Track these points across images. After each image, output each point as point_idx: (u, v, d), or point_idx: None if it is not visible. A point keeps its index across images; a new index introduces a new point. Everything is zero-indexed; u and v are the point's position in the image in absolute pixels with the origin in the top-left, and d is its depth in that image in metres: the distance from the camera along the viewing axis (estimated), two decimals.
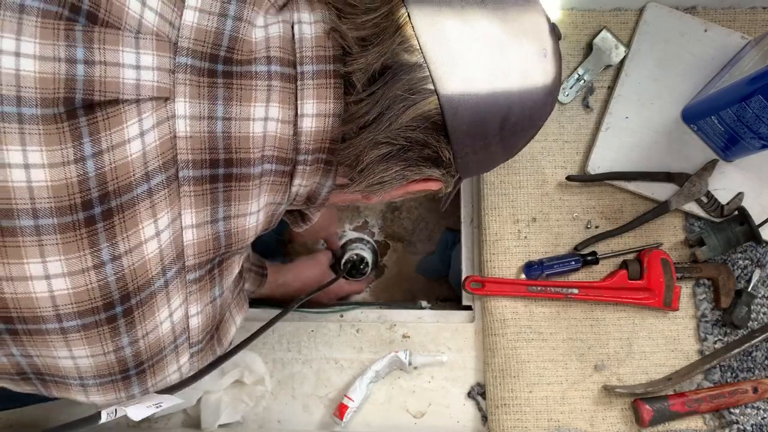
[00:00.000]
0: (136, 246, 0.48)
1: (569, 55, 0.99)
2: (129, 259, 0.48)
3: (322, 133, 0.56)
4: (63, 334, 0.47)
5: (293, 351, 0.97)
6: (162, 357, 0.53)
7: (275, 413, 0.95)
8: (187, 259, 0.52)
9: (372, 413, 0.95)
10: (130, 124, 0.46)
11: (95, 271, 0.46)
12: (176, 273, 0.51)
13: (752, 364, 0.92)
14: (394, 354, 0.92)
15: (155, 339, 0.52)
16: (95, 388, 0.52)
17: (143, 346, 0.51)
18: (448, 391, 0.96)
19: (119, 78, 0.46)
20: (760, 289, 0.94)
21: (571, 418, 0.91)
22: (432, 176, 0.59)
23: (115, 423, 0.95)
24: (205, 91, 0.51)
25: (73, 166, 0.44)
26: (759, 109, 0.81)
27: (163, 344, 0.53)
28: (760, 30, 0.97)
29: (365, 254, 1.09)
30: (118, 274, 0.47)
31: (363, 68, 0.54)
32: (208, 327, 0.57)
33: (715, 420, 0.91)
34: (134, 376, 0.52)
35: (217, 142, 0.52)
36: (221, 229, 0.54)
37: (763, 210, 0.94)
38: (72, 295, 0.46)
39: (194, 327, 0.55)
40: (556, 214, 0.97)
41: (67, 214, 0.44)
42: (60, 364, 0.49)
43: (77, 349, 0.48)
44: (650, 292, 0.92)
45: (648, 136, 0.96)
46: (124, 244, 0.47)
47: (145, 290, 0.49)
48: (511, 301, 0.94)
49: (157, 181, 0.49)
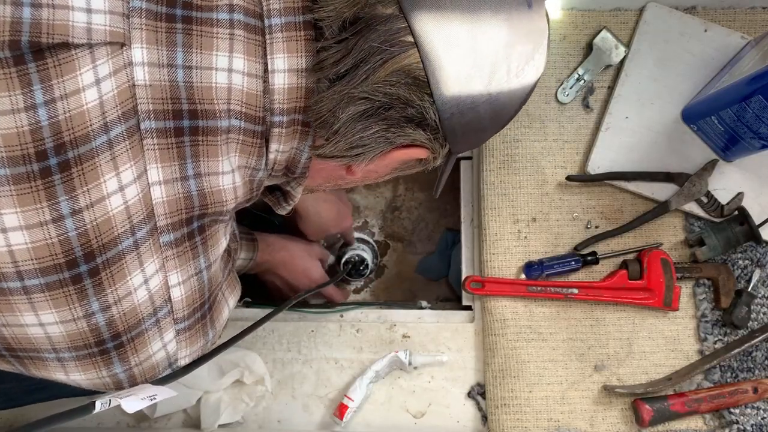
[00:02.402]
0: (98, 200, 0.46)
1: (569, 55, 0.99)
2: (91, 214, 0.46)
3: (296, 91, 0.54)
4: (26, 294, 0.46)
5: (293, 351, 0.97)
6: (142, 330, 0.51)
7: (275, 413, 0.95)
8: (158, 218, 0.50)
9: (372, 413, 0.95)
10: (84, 71, 0.44)
11: (54, 225, 0.44)
12: (147, 233, 0.49)
13: (752, 364, 0.92)
14: (394, 354, 0.92)
15: (130, 307, 0.50)
16: (73, 363, 0.50)
17: (117, 314, 0.49)
18: (448, 391, 0.96)
19: (68, 21, 0.44)
20: (760, 289, 0.94)
21: (571, 418, 0.91)
22: (418, 141, 0.56)
23: (115, 423, 0.95)
24: (163, 37, 0.48)
25: (23, 114, 0.42)
26: (759, 109, 0.81)
27: (141, 315, 0.50)
28: (760, 30, 0.97)
29: (365, 255, 1.09)
30: (80, 230, 0.45)
31: (333, 16, 0.51)
32: (195, 302, 0.54)
33: (715, 420, 0.91)
34: (113, 351, 0.50)
35: (179, 92, 0.49)
36: (193, 187, 0.51)
37: (763, 210, 0.94)
38: (31, 250, 0.44)
39: (177, 299, 0.52)
40: (556, 214, 0.97)
41: (20, 164, 0.43)
42: (30, 333, 0.48)
43: (44, 313, 0.47)
44: (650, 292, 0.92)
45: (648, 136, 0.96)
46: (84, 198, 0.45)
47: (112, 249, 0.47)
48: (511, 301, 0.94)
49: (117, 132, 0.46)
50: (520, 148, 0.97)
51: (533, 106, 0.98)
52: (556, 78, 0.98)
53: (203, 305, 0.56)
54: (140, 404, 0.54)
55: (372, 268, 1.11)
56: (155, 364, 0.54)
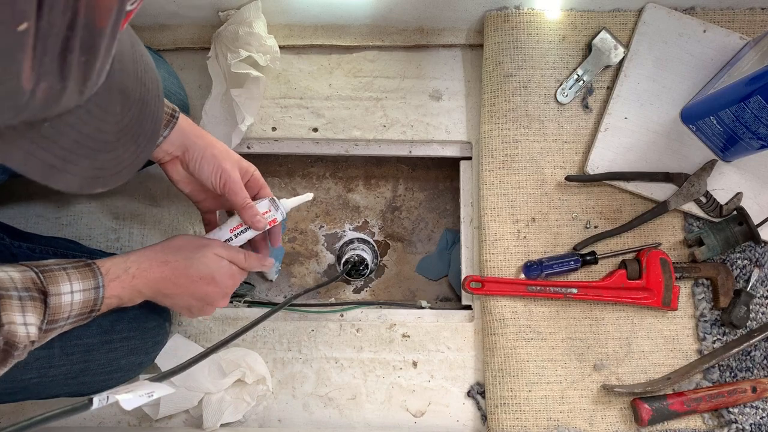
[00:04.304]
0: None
1: (568, 56, 0.99)
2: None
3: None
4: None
5: (294, 351, 0.97)
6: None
7: (276, 412, 0.96)
8: None
9: (372, 412, 0.96)
10: None
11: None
12: None
13: (751, 364, 0.92)
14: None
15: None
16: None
17: None
18: (448, 390, 0.96)
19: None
20: (759, 288, 0.94)
21: (570, 417, 0.92)
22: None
23: (116, 423, 0.95)
24: None
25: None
26: (758, 109, 0.81)
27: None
28: (759, 30, 0.97)
29: (365, 255, 1.10)
30: None
31: None
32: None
33: (713, 419, 0.91)
34: None
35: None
36: None
37: (761, 210, 0.94)
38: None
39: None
40: (556, 214, 0.97)
41: None
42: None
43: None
44: (649, 291, 0.92)
45: (647, 136, 0.96)
46: None
47: None
48: (510, 301, 0.95)
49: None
50: (519, 148, 0.98)
51: (533, 107, 0.98)
52: (555, 78, 0.99)
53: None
54: (138, 401, 0.55)
55: (372, 268, 1.11)
56: None
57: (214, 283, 0.76)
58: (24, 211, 1.03)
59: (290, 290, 1.19)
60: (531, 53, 0.99)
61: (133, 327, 0.85)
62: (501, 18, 0.99)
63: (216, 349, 0.73)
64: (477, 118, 1.03)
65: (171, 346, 0.93)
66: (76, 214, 1.03)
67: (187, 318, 0.79)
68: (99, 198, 1.04)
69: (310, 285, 1.18)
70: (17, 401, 0.82)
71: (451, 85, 1.05)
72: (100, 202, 1.04)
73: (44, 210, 1.03)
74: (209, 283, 0.76)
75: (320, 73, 1.05)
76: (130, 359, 0.85)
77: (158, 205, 1.04)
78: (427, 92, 1.05)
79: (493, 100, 0.99)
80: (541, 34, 0.99)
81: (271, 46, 0.97)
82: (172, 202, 1.04)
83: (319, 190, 1.22)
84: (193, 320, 0.98)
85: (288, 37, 1.04)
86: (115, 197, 1.03)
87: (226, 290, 0.78)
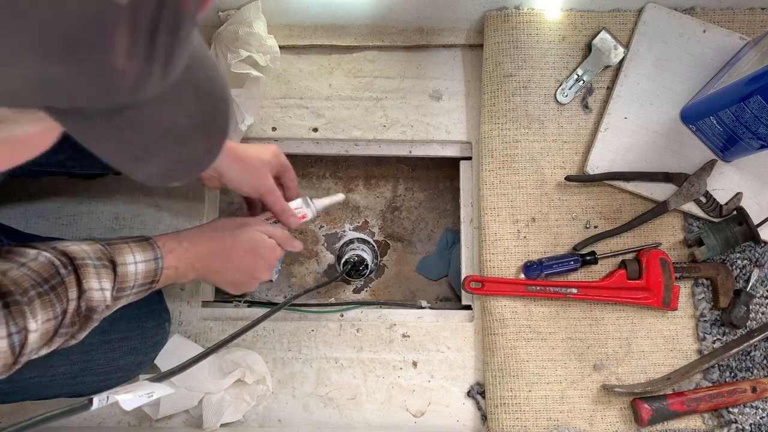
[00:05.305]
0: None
1: (568, 56, 0.99)
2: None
3: None
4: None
5: (294, 350, 0.97)
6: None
7: (276, 412, 0.96)
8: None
9: (372, 412, 0.96)
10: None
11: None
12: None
13: (751, 364, 0.92)
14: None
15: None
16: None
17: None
18: (448, 390, 0.96)
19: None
20: (759, 288, 0.94)
21: (570, 417, 0.92)
22: None
23: (116, 423, 0.95)
24: None
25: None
26: (757, 109, 0.81)
27: None
28: (759, 30, 0.98)
29: (365, 255, 1.10)
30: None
31: None
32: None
33: (713, 419, 0.91)
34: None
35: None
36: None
37: (761, 210, 0.94)
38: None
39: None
40: (555, 214, 0.97)
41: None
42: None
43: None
44: (649, 291, 0.92)
45: (647, 136, 0.96)
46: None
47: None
48: (510, 301, 0.95)
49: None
50: (519, 148, 0.98)
51: (533, 107, 0.98)
52: (555, 79, 0.99)
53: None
54: (138, 401, 0.55)
55: (372, 268, 1.11)
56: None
57: (258, 255, 0.82)
58: (24, 211, 1.03)
59: (290, 290, 1.19)
60: (531, 53, 0.99)
61: (133, 327, 0.85)
62: (501, 18, 0.99)
63: (216, 349, 0.73)
64: (477, 118, 1.03)
65: (171, 346, 0.93)
66: (76, 214, 1.03)
67: (232, 292, 0.86)
68: (99, 198, 1.04)
69: (310, 285, 1.18)
70: (16, 402, 0.82)
71: (451, 85, 1.05)
72: (100, 202, 1.04)
73: (44, 210, 1.03)
74: (254, 256, 0.82)
75: (320, 73, 1.05)
76: (129, 359, 0.85)
77: (158, 206, 1.04)
78: (427, 92, 1.05)
79: (493, 100, 0.99)
80: (541, 34, 0.99)
81: (271, 46, 0.97)
82: (173, 202, 1.04)
83: (319, 190, 1.22)
84: (192, 320, 0.98)
85: (288, 37, 1.04)
86: (115, 197, 1.03)
87: (270, 262, 0.84)
